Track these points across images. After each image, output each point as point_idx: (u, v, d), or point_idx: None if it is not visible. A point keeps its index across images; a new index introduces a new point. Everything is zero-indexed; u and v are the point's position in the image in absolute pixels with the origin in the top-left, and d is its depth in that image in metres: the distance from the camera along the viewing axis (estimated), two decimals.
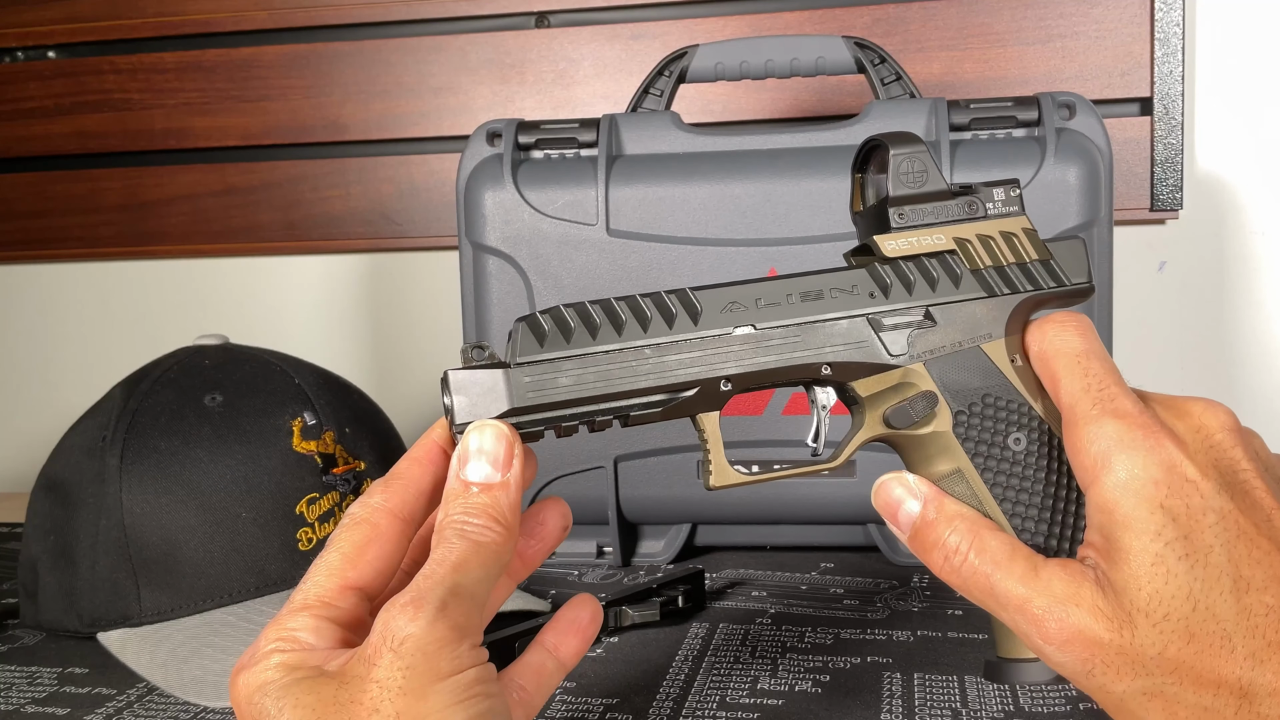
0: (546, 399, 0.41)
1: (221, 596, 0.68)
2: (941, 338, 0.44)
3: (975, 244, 0.45)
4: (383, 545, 0.42)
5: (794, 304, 0.43)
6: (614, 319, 0.42)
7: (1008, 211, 0.45)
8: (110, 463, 0.70)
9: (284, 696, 0.38)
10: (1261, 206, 1.04)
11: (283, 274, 1.21)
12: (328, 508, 0.71)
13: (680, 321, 0.42)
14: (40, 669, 0.68)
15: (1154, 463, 0.40)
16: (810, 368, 0.43)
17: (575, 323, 0.42)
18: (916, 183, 0.45)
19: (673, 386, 0.42)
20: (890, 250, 0.44)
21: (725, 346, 0.43)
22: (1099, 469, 0.40)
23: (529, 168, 0.81)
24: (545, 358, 0.41)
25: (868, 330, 0.44)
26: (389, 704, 0.36)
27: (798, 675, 0.62)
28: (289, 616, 0.40)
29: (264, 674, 0.39)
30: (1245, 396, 1.05)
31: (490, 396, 0.41)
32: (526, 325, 0.41)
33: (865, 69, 0.82)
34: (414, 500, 0.43)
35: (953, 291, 0.44)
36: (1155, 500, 0.39)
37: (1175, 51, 1.01)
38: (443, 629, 0.37)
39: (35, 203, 1.23)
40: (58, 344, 1.27)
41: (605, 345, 0.41)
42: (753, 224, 0.77)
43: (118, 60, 1.19)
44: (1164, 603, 0.38)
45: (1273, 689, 0.38)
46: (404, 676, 0.36)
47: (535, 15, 1.11)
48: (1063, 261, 0.45)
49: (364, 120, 1.15)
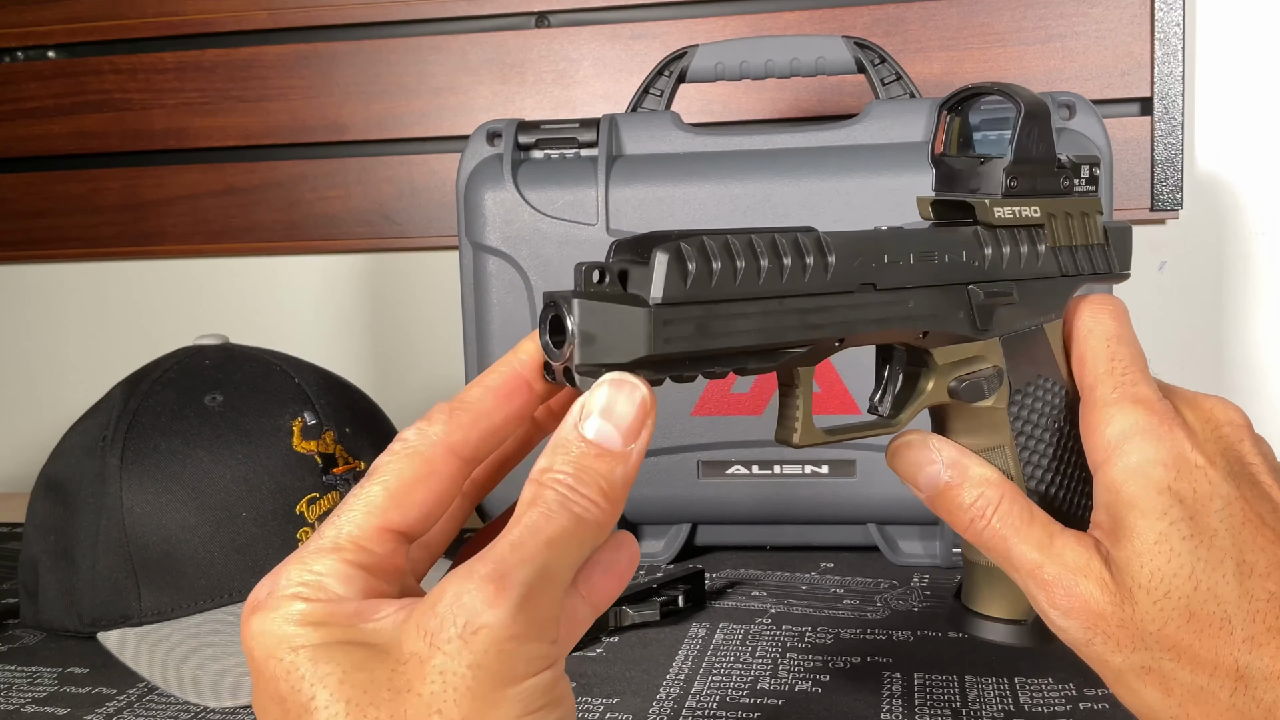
0: (684, 348, 0.34)
1: (221, 596, 0.68)
2: (1018, 315, 0.44)
3: (1060, 220, 0.44)
4: (435, 485, 0.35)
5: (911, 265, 0.41)
6: (754, 261, 0.36)
7: (1087, 190, 0.45)
8: (110, 463, 0.70)
9: (321, 664, 0.32)
10: (1261, 207, 1.04)
11: (283, 274, 1.21)
12: (328, 507, 0.71)
13: (814, 276, 0.37)
14: (40, 669, 0.68)
15: (1164, 448, 0.40)
16: (910, 333, 0.42)
17: (722, 261, 0.35)
18: (1036, 149, 0.44)
19: (805, 342, 0.38)
20: (998, 218, 0.43)
21: (857, 304, 0.39)
22: (1110, 450, 0.41)
23: (529, 168, 0.81)
24: (690, 300, 0.34)
25: (965, 299, 0.43)
26: (453, 706, 0.31)
27: (798, 675, 0.62)
28: (316, 557, 0.34)
29: (287, 627, 0.32)
30: (1245, 396, 1.04)
31: (625, 337, 0.33)
32: (668, 256, 0.34)
33: (865, 69, 0.82)
34: (479, 437, 0.36)
35: (1035, 268, 0.44)
36: (1163, 482, 0.40)
37: (1175, 51, 1.01)
38: (524, 623, 0.31)
39: (35, 203, 1.23)
40: (58, 344, 1.27)
41: (747, 291, 0.35)
42: (752, 224, 0.77)
43: (118, 60, 1.19)
44: (1165, 580, 0.39)
45: (1268, 673, 0.38)
46: (472, 675, 0.31)
47: (535, 15, 1.11)
48: (1117, 247, 0.45)
49: (364, 120, 1.15)
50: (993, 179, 0.43)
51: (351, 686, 0.31)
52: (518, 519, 0.33)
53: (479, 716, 0.31)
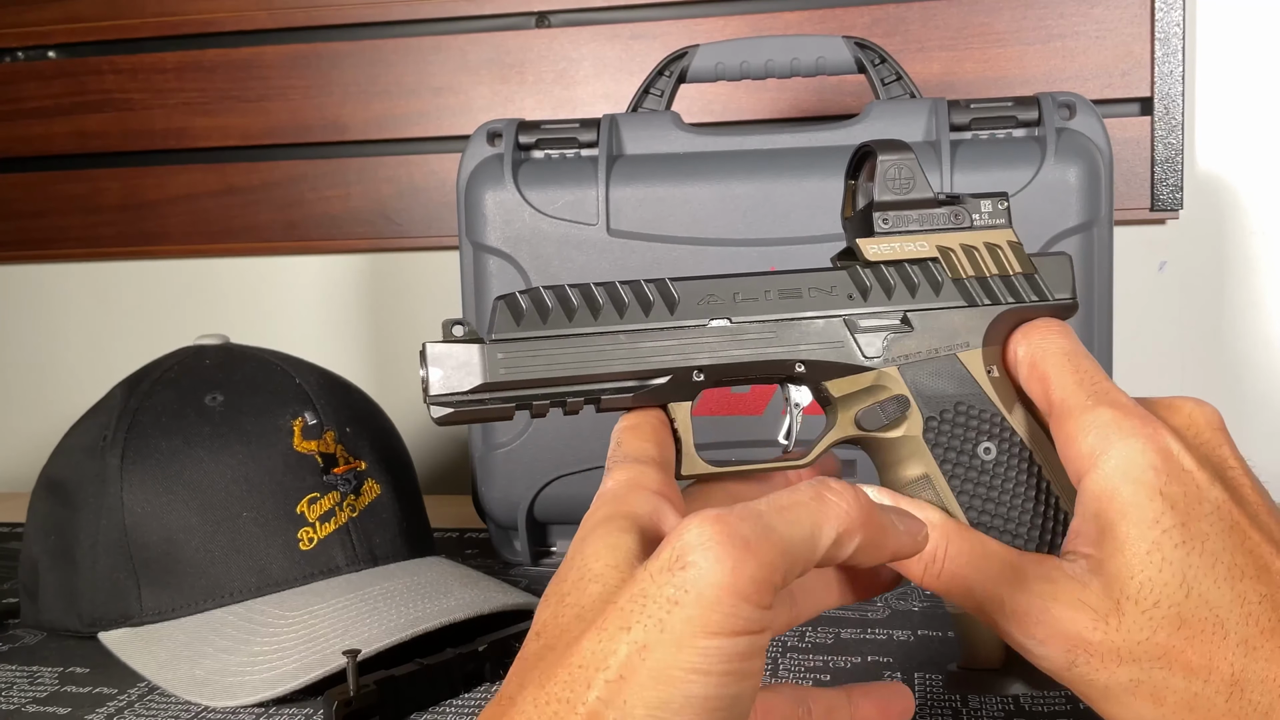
0: (518, 376, 0.41)
1: (222, 596, 0.68)
2: (917, 343, 0.44)
3: (959, 253, 0.45)
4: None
5: (771, 300, 0.44)
6: (591, 304, 0.42)
7: (994, 224, 0.45)
8: (111, 463, 0.70)
9: (578, 553, 0.35)
10: (1261, 207, 1.04)
11: (283, 274, 1.21)
12: (328, 507, 0.71)
13: (657, 310, 0.43)
14: (41, 669, 0.68)
15: (1152, 449, 0.39)
16: (784, 365, 0.44)
17: (553, 304, 0.42)
18: (903, 189, 0.45)
19: (645, 373, 0.42)
20: (872, 254, 0.45)
21: (700, 337, 0.43)
22: (1095, 456, 0.40)
23: (529, 168, 0.81)
24: (520, 336, 0.41)
25: (843, 331, 0.44)
26: (640, 630, 0.29)
27: (798, 675, 0.62)
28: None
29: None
30: (1245, 396, 1.05)
31: (464, 370, 0.41)
32: (505, 304, 0.42)
33: (865, 69, 0.82)
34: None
35: (932, 299, 0.44)
36: (1155, 486, 0.39)
37: (1175, 51, 1.01)
38: (735, 576, 0.30)
39: (35, 203, 1.23)
40: (58, 344, 1.27)
41: (580, 329, 0.42)
42: (753, 224, 0.77)
43: (118, 60, 1.19)
44: (1155, 589, 0.38)
45: (1264, 677, 0.38)
46: (667, 610, 0.29)
47: (535, 15, 1.11)
48: (1047, 276, 0.45)
49: (364, 120, 1.15)
50: (870, 223, 0.45)
51: (589, 569, 0.34)
52: (768, 496, 0.34)
53: (661, 652, 0.29)
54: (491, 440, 0.82)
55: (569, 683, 0.30)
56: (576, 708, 0.29)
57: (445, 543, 0.92)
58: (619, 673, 0.29)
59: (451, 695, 0.62)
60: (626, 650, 0.29)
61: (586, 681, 0.29)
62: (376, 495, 0.74)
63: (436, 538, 0.82)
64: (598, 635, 0.30)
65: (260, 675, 0.61)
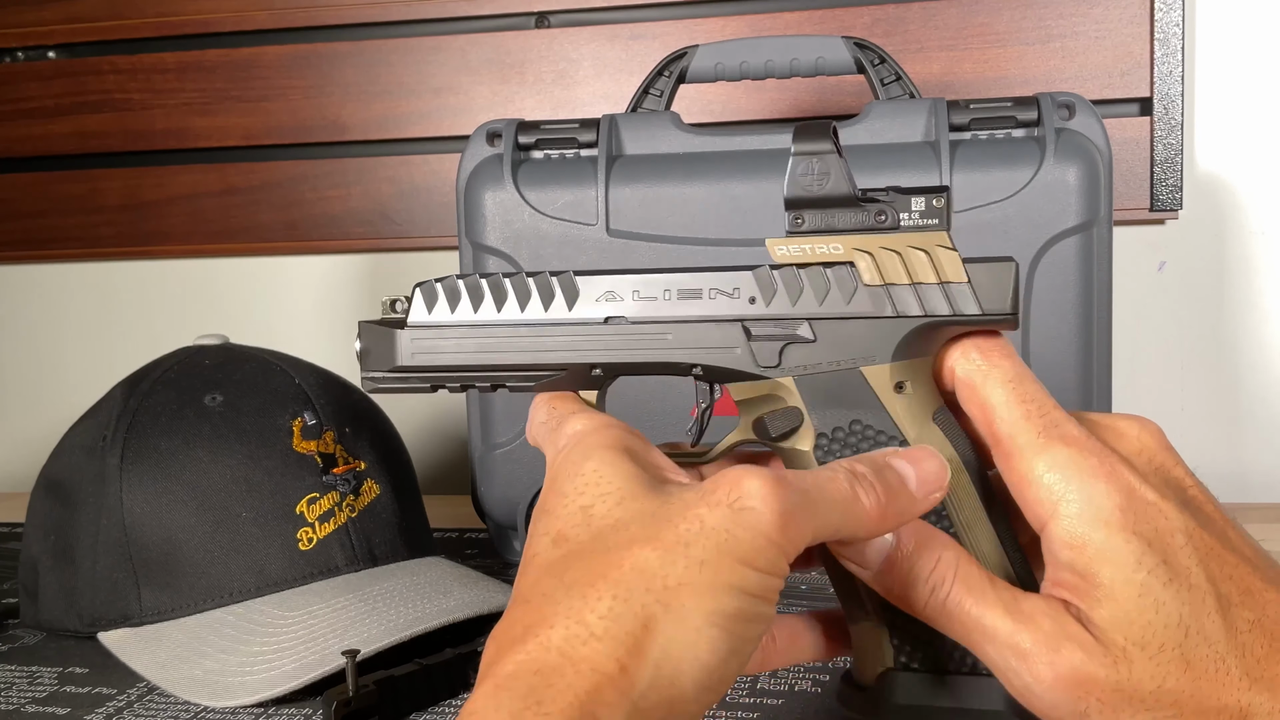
0: (429, 362, 0.43)
1: (221, 596, 0.68)
2: (818, 355, 0.41)
3: (877, 257, 0.41)
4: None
5: (669, 300, 0.42)
6: (497, 294, 0.43)
7: (924, 224, 0.40)
8: (110, 463, 0.70)
9: (589, 462, 0.37)
10: (1261, 207, 1.04)
11: (283, 274, 1.21)
12: (328, 508, 0.71)
13: (556, 304, 0.43)
14: (40, 669, 0.68)
15: (1114, 489, 0.38)
16: (681, 366, 0.42)
17: (463, 294, 0.44)
18: (816, 185, 0.41)
19: (544, 366, 0.43)
20: (780, 255, 0.42)
21: (595, 334, 0.42)
22: (1055, 502, 0.38)
23: (529, 168, 0.81)
24: (431, 323, 0.43)
25: (740, 336, 0.42)
26: (699, 549, 0.33)
27: (798, 675, 0.62)
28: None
29: (596, 434, 0.38)
30: (1244, 396, 1.05)
31: (386, 350, 0.44)
32: (421, 291, 0.44)
33: (865, 69, 0.82)
34: None
35: (841, 307, 0.41)
36: (1126, 528, 0.37)
37: (1175, 51, 1.01)
38: (779, 529, 0.34)
39: (35, 203, 1.23)
40: (58, 344, 1.27)
41: (486, 318, 0.43)
42: (753, 224, 0.77)
43: (118, 60, 1.19)
44: (1158, 634, 0.37)
45: (1270, 709, 0.37)
46: (726, 536, 0.33)
47: (535, 15, 1.11)
48: (981, 286, 0.40)
49: (364, 120, 1.15)
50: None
51: (620, 488, 0.36)
52: (809, 470, 0.38)
53: (714, 573, 0.33)
54: (491, 440, 0.83)
55: (622, 585, 0.33)
56: (633, 607, 0.32)
57: (445, 543, 0.92)
58: (679, 582, 0.33)
59: (451, 695, 0.62)
60: (686, 564, 0.33)
61: (644, 586, 0.33)
62: (376, 495, 0.74)
63: (436, 538, 0.82)
64: (655, 549, 0.33)
65: (259, 675, 0.61)
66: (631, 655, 0.32)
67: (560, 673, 0.31)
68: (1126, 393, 0.93)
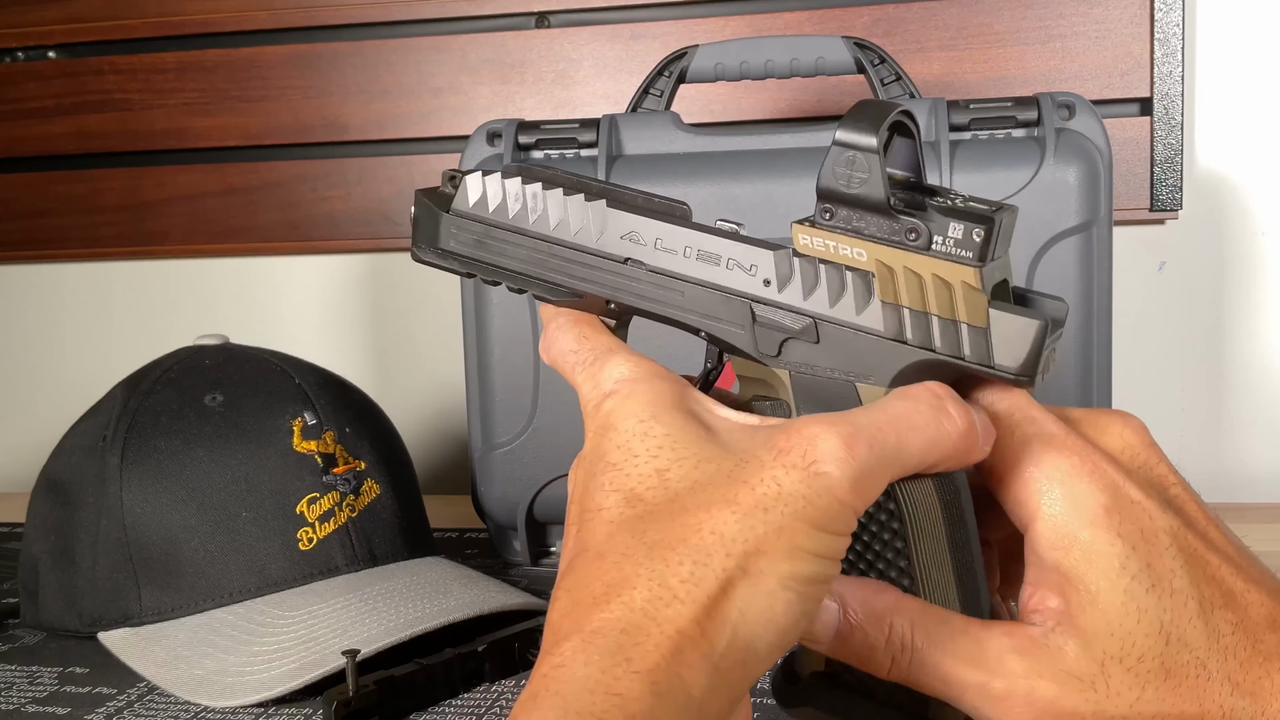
0: (464, 252, 0.44)
1: (221, 596, 0.68)
2: (818, 358, 0.39)
3: (899, 276, 0.38)
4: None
5: (688, 259, 0.41)
6: (533, 203, 0.43)
7: (956, 255, 0.37)
8: (111, 463, 0.70)
9: (660, 424, 0.37)
10: (1262, 207, 1.04)
11: (283, 274, 1.21)
12: (328, 507, 0.71)
13: (584, 232, 0.42)
14: (41, 669, 0.68)
15: (1098, 488, 0.37)
16: (690, 326, 0.41)
17: (504, 193, 0.43)
18: (854, 184, 0.38)
19: (565, 287, 0.43)
20: (802, 245, 0.39)
21: (614, 271, 0.42)
22: (1038, 502, 0.37)
23: None
24: (471, 214, 0.44)
25: (747, 316, 0.40)
26: (778, 514, 0.33)
27: None
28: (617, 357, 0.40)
29: (638, 401, 0.37)
30: (1244, 396, 1.05)
31: (430, 228, 0.45)
32: (469, 180, 0.44)
33: (865, 69, 0.82)
34: None
35: (851, 316, 0.38)
36: (1111, 529, 0.37)
37: (1175, 51, 1.01)
38: (852, 491, 0.34)
39: (35, 203, 1.23)
40: (58, 344, 1.27)
41: (517, 223, 0.43)
42: (753, 224, 0.77)
43: (118, 60, 1.19)
44: (1137, 644, 0.36)
45: (1252, 714, 0.36)
46: (804, 502, 0.34)
47: (535, 15, 1.11)
48: (1000, 336, 0.36)
49: (364, 120, 1.15)
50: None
51: (696, 452, 0.35)
52: (891, 399, 0.37)
53: (790, 539, 0.33)
54: (491, 440, 0.82)
55: (702, 549, 0.33)
56: (714, 571, 0.33)
57: (445, 543, 0.92)
58: (757, 546, 0.33)
59: (451, 695, 0.62)
60: (764, 529, 0.33)
61: (724, 551, 0.33)
62: (376, 495, 0.74)
63: (436, 538, 0.82)
64: (733, 512, 0.34)
65: (259, 675, 0.61)
66: (711, 618, 0.32)
67: (646, 632, 0.32)
68: (1126, 393, 0.93)
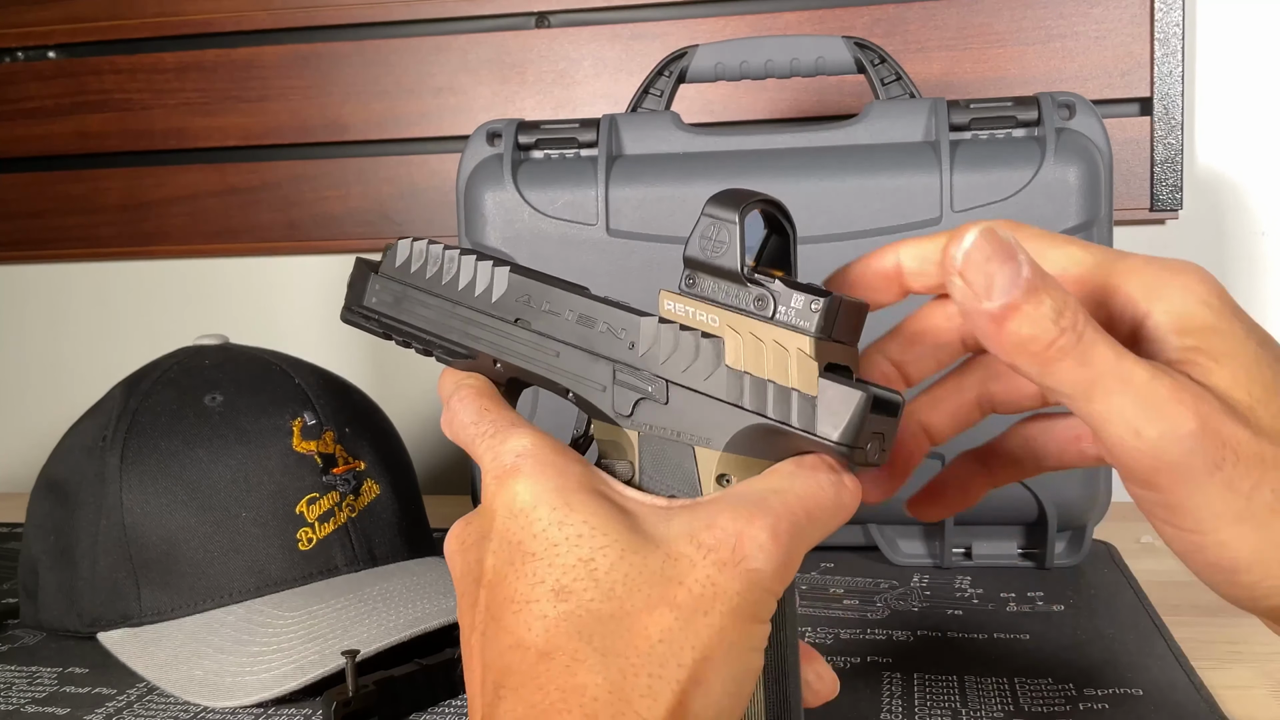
0: (384, 310, 0.47)
1: (221, 596, 0.68)
2: (665, 419, 0.40)
3: (745, 342, 0.39)
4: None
5: (568, 322, 0.42)
6: (448, 268, 0.45)
7: (796, 324, 0.38)
8: (110, 463, 0.70)
9: (576, 511, 0.36)
10: (1262, 206, 1.04)
11: (283, 274, 1.21)
12: (328, 508, 0.71)
13: (485, 294, 0.44)
14: (40, 669, 0.68)
15: (1208, 279, 0.36)
16: (560, 387, 0.42)
17: (426, 258, 0.46)
18: (714, 252, 0.40)
19: (462, 346, 0.45)
20: (666, 311, 0.40)
21: (503, 332, 0.44)
22: (1156, 290, 0.36)
23: (529, 168, 0.81)
24: (395, 276, 0.46)
25: (609, 376, 0.41)
26: (717, 615, 0.34)
27: None
28: (517, 433, 0.39)
29: (545, 482, 0.37)
30: None
31: (360, 289, 0.47)
32: (398, 245, 0.47)
33: (865, 69, 0.82)
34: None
35: (698, 380, 0.39)
36: (1229, 310, 0.35)
37: (1175, 51, 1.01)
38: (777, 579, 0.35)
39: (35, 203, 1.23)
40: (58, 344, 1.27)
41: (431, 286, 0.46)
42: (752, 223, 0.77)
43: (118, 60, 1.19)
44: (1278, 396, 0.34)
45: None
46: (739, 600, 0.34)
47: (535, 15, 1.11)
48: (825, 405, 0.37)
49: (364, 120, 1.15)
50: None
51: (617, 540, 0.35)
52: (790, 473, 0.37)
53: (733, 638, 0.34)
54: None
55: (654, 659, 0.33)
56: (669, 684, 0.33)
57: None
58: (704, 652, 0.33)
59: (450, 696, 0.62)
60: (706, 632, 0.34)
61: (675, 661, 0.33)
62: (376, 495, 0.74)
63: (436, 538, 0.82)
64: (674, 614, 0.34)
65: (259, 675, 0.61)
66: None
67: None
68: None
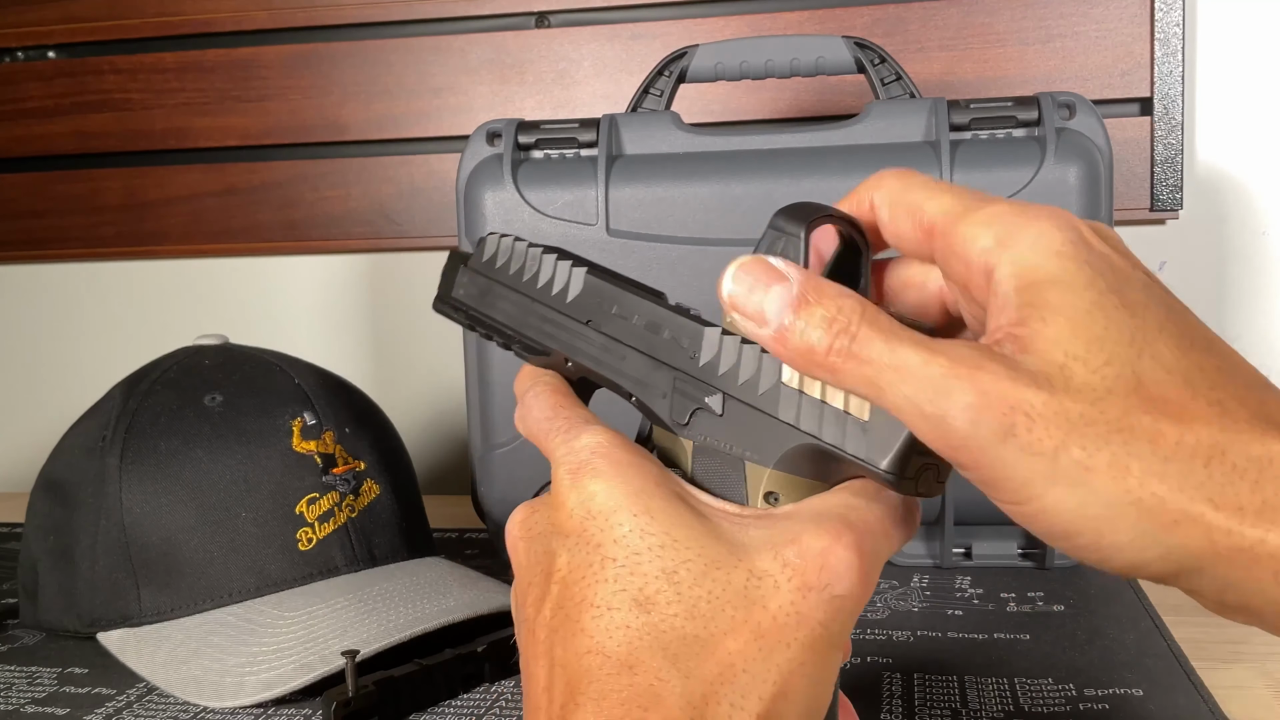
0: (470, 303, 0.48)
1: (221, 596, 0.68)
2: (719, 431, 0.40)
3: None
4: None
5: (636, 327, 0.42)
6: (530, 265, 0.46)
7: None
8: (110, 463, 0.70)
9: (657, 520, 0.35)
10: (1263, 206, 1.04)
11: (283, 274, 1.21)
12: (327, 508, 0.71)
13: (558, 296, 0.45)
14: (40, 669, 0.68)
15: (1065, 226, 0.34)
16: (624, 390, 0.42)
17: (512, 255, 0.46)
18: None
19: (537, 343, 0.45)
20: (728, 323, 0.39)
21: (576, 332, 0.44)
22: (1002, 244, 0.34)
23: (529, 168, 0.81)
24: (481, 270, 0.47)
25: (669, 384, 0.41)
26: (799, 647, 0.33)
27: None
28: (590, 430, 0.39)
29: (617, 476, 0.36)
30: None
31: (450, 280, 0.48)
32: (488, 240, 0.47)
33: (865, 69, 0.82)
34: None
35: (755, 395, 0.39)
36: (1078, 258, 0.33)
37: (1175, 51, 1.01)
38: (861, 602, 0.34)
39: (35, 203, 1.23)
40: (58, 344, 1.27)
41: (514, 282, 0.46)
42: (753, 224, 0.77)
43: (118, 60, 1.19)
44: (1104, 347, 0.32)
45: (1247, 452, 0.32)
46: (823, 629, 0.33)
47: (535, 15, 1.11)
48: (874, 430, 0.36)
49: (364, 120, 1.15)
50: None
51: (700, 554, 0.34)
52: (861, 489, 0.36)
53: (811, 667, 0.33)
54: (491, 440, 0.82)
55: (736, 688, 0.33)
56: (749, 712, 0.32)
57: (445, 543, 0.92)
58: (781, 688, 0.33)
59: (450, 696, 0.62)
60: (787, 666, 0.33)
61: (756, 694, 0.33)
62: (375, 495, 0.74)
63: (436, 538, 0.82)
64: (756, 642, 0.33)
65: (259, 676, 0.61)
66: None
67: None
68: None
